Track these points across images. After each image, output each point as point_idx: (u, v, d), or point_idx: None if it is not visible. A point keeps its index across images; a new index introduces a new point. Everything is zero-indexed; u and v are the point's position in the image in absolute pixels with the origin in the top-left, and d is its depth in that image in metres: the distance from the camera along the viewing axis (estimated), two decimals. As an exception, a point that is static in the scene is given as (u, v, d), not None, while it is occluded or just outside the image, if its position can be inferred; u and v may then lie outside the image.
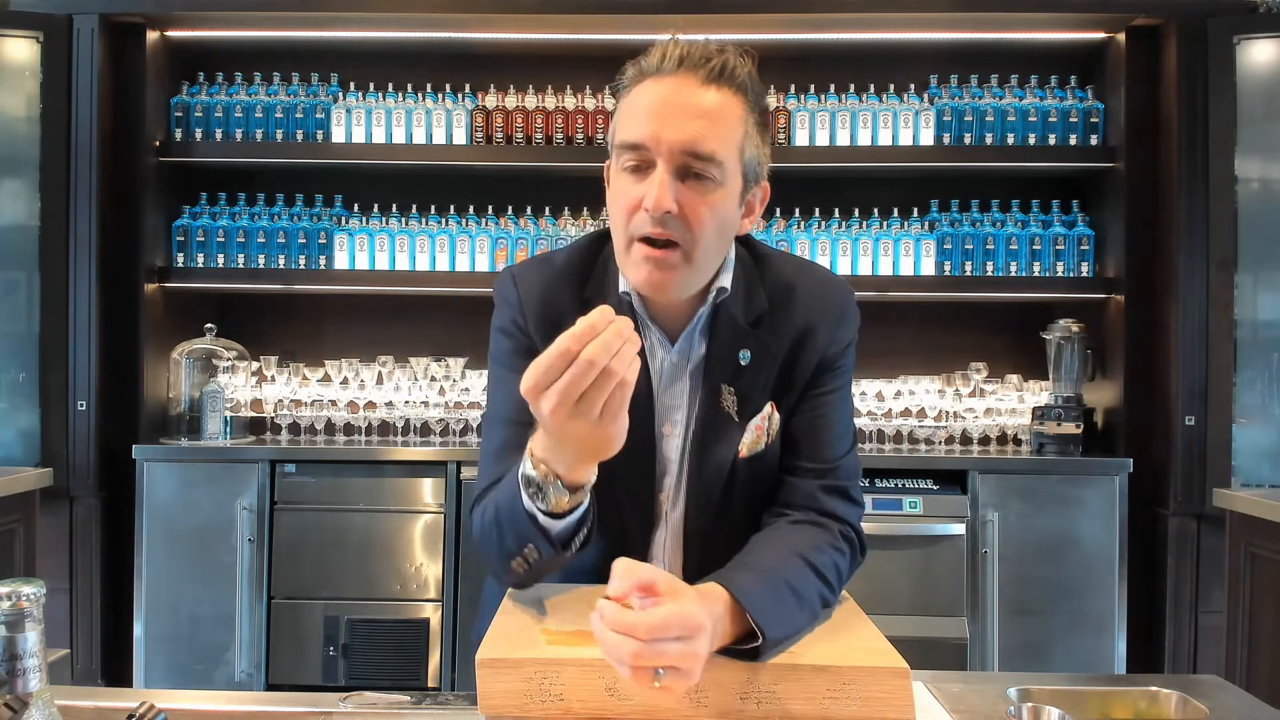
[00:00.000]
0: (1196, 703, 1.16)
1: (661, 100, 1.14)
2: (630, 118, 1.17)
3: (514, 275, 1.31)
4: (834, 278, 1.34)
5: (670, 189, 1.13)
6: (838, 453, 1.27)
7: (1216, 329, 3.18)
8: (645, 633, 0.87)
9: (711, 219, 1.16)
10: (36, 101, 3.28)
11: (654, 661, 0.87)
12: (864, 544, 1.28)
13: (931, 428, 3.45)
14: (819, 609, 1.13)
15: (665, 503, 1.27)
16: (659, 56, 1.16)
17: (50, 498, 3.20)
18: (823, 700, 0.95)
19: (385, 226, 3.52)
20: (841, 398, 1.29)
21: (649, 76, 1.17)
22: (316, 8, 3.37)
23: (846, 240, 3.43)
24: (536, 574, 1.12)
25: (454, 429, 3.46)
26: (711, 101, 1.14)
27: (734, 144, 1.16)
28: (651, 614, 0.88)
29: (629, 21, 3.32)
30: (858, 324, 1.31)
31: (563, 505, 1.04)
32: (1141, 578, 3.25)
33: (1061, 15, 3.34)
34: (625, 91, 1.20)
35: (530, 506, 1.05)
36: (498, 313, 1.31)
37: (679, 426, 1.27)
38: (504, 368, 1.28)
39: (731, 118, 1.16)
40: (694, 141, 1.13)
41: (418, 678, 3.19)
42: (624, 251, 1.18)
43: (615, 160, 1.20)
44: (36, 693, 0.76)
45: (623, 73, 1.21)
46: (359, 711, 1.13)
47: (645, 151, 1.14)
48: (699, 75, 1.15)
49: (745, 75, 1.17)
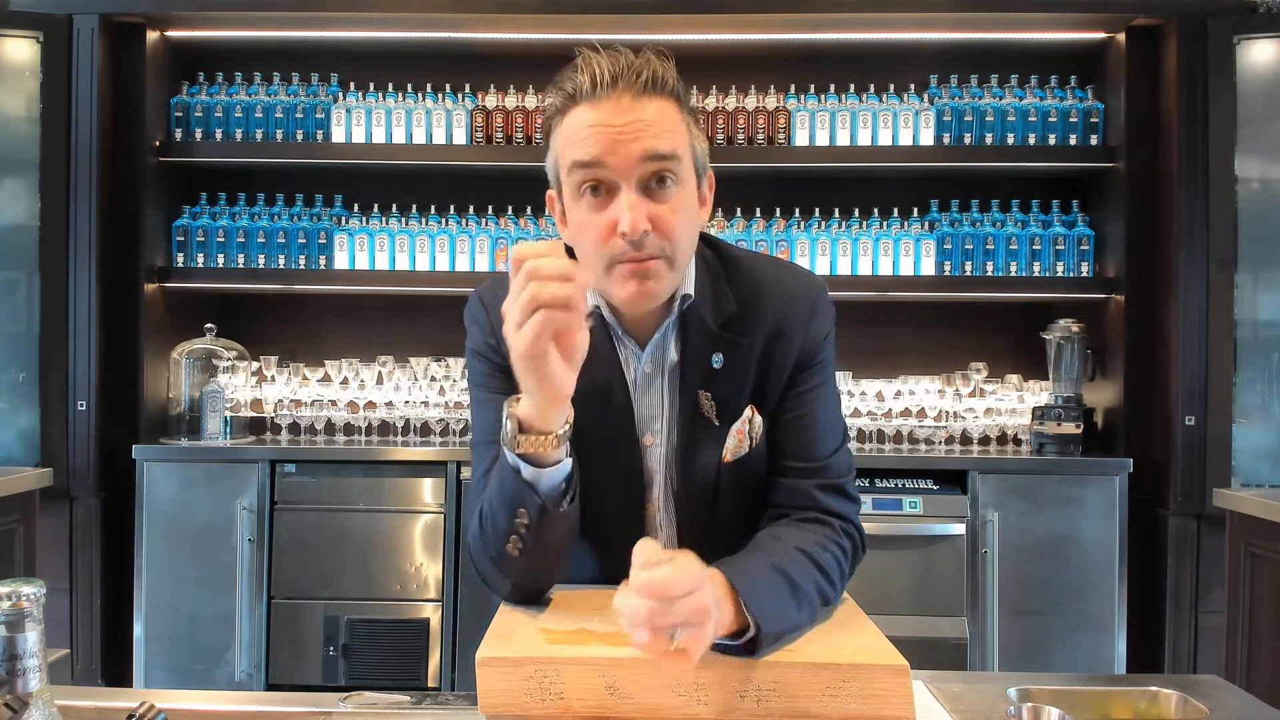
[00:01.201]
0: (1196, 703, 1.16)
1: (605, 122, 1.13)
2: (575, 142, 1.14)
3: (480, 296, 1.30)
4: (804, 273, 1.33)
5: (641, 208, 1.12)
6: (827, 449, 1.26)
7: (1216, 329, 3.18)
8: (647, 590, 0.89)
9: (683, 223, 1.16)
10: (36, 101, 3.28)
11: (666, 619, 0.89)
12: (864, 540, 1.27)
13: (931, 428, 3.45)
14: (819, 605, 1.12)
15: (655, 513, 1.27)
16: (589, 78, 1.14)
17: (50, 498, 3.20)
18: (822, 697, 0.95)
19: (385, 226, 3.52)
20: (824, 394, 1.28)
21: (584, 101, 1.14)
22: (316, 8, 3.37)
23: (846, 240, 3.43)
24: (532, 555, 1.12)
25: (454, 429, 3.46)
26: (652, 112, 1.14)
27: (683, 142, 1.17)
28: (655, 572, 0.91)
29: (629, 21, 3.32)
30: (832, 317, 1.29)
31: (539, 446, 1.07)
32: (1141, 578, 3.25)
33: (1061, 15, 3.34)
34: (557, 120, 1.18)
35: (514, 460, 1.09)
36: (470, 335, 1.30)
37: (660, 435, 1.26)
38: (482, 390, 1.27)
39: (673, 119, 1.16)
40: (651, 147, 1.12)
41: (418, 678, 3.19)
42: (603, 274, 1.17)
43: (568, 187, 1.17)
44: (36, 693, 0.77)
45: (548, 101, 1.19)
46: (359, 711, 1.13)
47: (601, 170, 1.13)
48: (634, 90, 1.14)
49: (674, 79, 1.17)
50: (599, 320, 1.23)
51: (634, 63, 1.15)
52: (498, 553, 1.13)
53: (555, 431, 1.08)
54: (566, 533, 1.14)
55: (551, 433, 1.08)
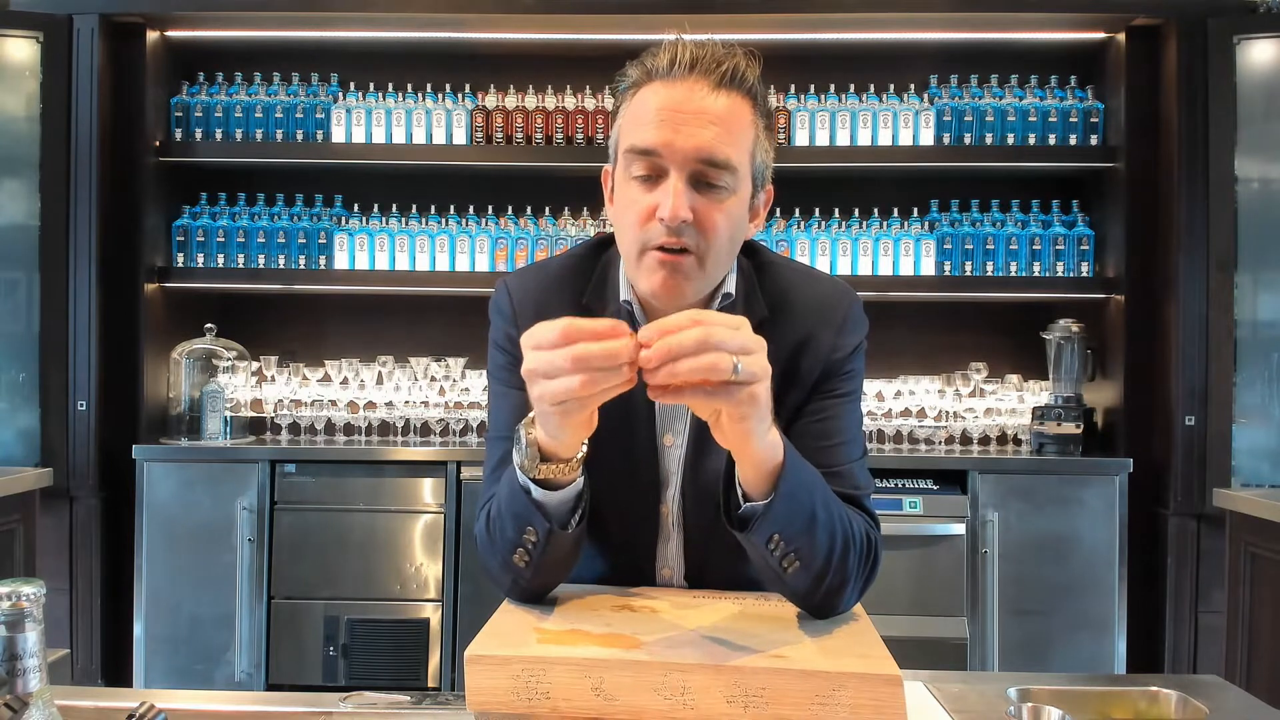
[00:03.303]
0: (1196, 703, 1.16)
1: (673, 106, 1.11)
2: (639, 123, 1.13)
3: (507, 284, 1.28)
4: (838, 284, 1.30)
5: (685, 197, 1.10)
6: (847, 457, 1.22)
7: (1216, 329, 3.17)
8: (699, 315, 0.91)
9: (725, 226, 1.14)
10: (36, 101, 3.28)
11: (727, 340, 0.91)
12: (879, 556, 1.21)
13: (931, 428, 3.45)
14: (837, 532, 1.10)
15: (669, 514, 1.26)
16: (669, 59, 1.12)
17: (50, 498, 3.20)
18: (811, 705, 0.93)
19: (385, 226, 3.52)
20: (850, 404, 1.25)
21: (658, 79, 1.13)
22: (316, 8, 3.37)
23: (846, 240, 3.43)
24: (538, 568, 1.12)
25: (454, 429, 3.46)
26: (724, 107, 1.12)
27: (746, 149, 1.14)
28: (689, 313, 0.92)
29: (629, 21, 3.32)
30: (865, 330, 1.27)
31: (558, 474, 1.05)
32: (1141, 578, 3.25)
33: (1061, 15, 3.34)
34: (629, 93, 1.16)
35: (525, 481, 1.06)
36: (492, 325, 1.28)
37: (680, 437, 1.25)
38: (500, 383, 1.26)
39: (743, 122, 1.14)
40: (708, 149, 1.10)
41: (418, 678, 3.19)
42: (635, 259, 1.16)
43: (622, 166, 1.16)
44: (36, 693, 0.77)
45: (624, 73, 1.18)
46: (359, 711, 1.13)
47: (657, 159, 1.12)
48: (710, 80, 1.12)
49: (754, 79, 1.15)
50: (627, 316, 1.22)
51: (717, 53, 1.13)
52: (503, 559, 1.13)
53: (576, 457, 1.05)
54: (574, 548, 1.13)
55: (572, 459, 1.05)
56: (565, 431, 1.00)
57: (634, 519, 1.24)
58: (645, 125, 1.12)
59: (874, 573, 1.21)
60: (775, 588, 1.15)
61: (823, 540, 1.08)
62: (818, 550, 1.08)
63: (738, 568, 1.27)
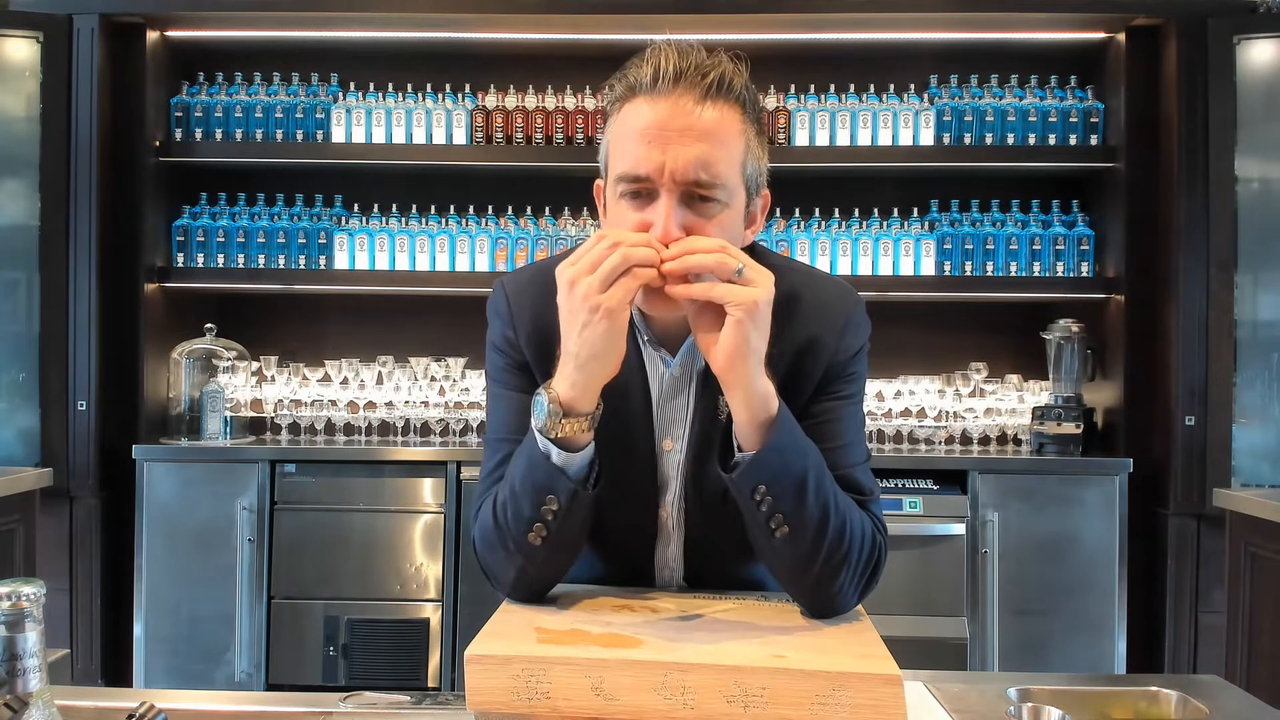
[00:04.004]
0: (1196, 703, 1.16)
1: (659, 124, 1.09)
2: (625, 144, 1.12)
3: (504, 285, 1.28)
4: (842, 286, 1.29)
5: (676, 217, 1.10)
6: (850, 460, 1.22)
7: (1216, 329, 3.17)
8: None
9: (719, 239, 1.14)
10: (36, 101, 3.28)
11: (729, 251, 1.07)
12: (881, 560, 1.21)
13: (931, 428, 3.45)
14: (832, 511, 1.11)
15: (669, 517, 1.25)
16: (653, 71, 1.10)
17: (50, 498, 3.19)
18: (812, 705, 0.93)
19: (385, 226, 3.52)
20: (852, 406, 1.25)
21: (642, 95, 1.11)
22: (316, 8, 3.37)
23: (846, 240, 3.43)
24: (555, 544, 1.12)
25: (454, 429, 3.46)
26: (711, 120, 1.10)
27: (736, 162, 1.13)
28: None
29: (629, 21, 3.32)
30: (867, 331, 1.27)
31: (576, 430, 1.10)
32: (1141, 578, 3.25)
33: (1061, 15, 3.34)
34: (615, 108, 1.15)
35: (545, 446, 1.10)
36: (490, 327, 1.28)
37: (680, 441, 1.24)
38: (499, 385, 1.26)
39: (732, 133, 1.12)
40: (697, 168, 1.09)
41: (418, 678, 3.19)
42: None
43: (611, 187, 1.16)
44: (36, 693, 0.77)
45: (611, 86, 1.16)
46: (359, 711, 1.13)
47: (646, 183, 1.11)
48: (696, 92, 1.09)
49: (742, 85, 1.13)
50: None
51: (702, 62, 1.11)
52: (515, 543, 1.13)
53: (592, 412, 1.10)
54: (585, 524, 1.14)
55: (589, 414, 1.10)
56: (612, 349, 1.07)
57: (634, 523, 1.24)
58: (632, 148, 1.11)
59: (875, 576, 1.20)
60: (767, 558, 1.16)
61: (814, 511, 1.10)
62: (808, 519, 1.10)
63: (737, 570, 1.27)
